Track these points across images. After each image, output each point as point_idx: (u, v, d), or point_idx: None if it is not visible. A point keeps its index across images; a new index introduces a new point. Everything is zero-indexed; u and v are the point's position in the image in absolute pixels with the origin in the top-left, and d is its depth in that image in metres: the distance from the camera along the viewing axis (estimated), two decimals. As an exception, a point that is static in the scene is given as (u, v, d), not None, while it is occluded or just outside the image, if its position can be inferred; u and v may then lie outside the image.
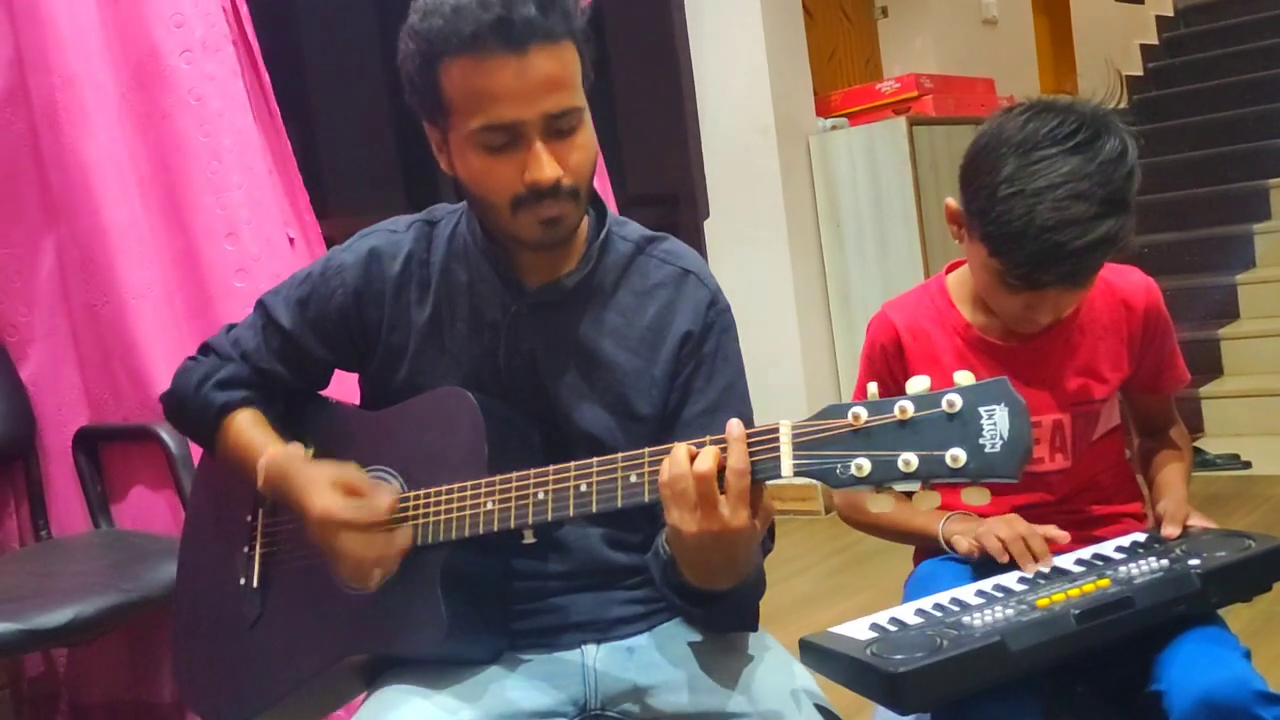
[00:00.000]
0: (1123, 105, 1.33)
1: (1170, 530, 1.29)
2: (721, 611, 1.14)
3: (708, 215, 4.14)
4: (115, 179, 2.11)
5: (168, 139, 2.14)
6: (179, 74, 2.12)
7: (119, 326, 2.11)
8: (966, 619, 1.13)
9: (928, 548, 1.43)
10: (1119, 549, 1.27)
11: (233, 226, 2.13)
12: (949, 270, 1.47)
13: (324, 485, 1.14)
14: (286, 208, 2.28)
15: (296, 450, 1.21)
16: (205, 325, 2.12)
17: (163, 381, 1.99)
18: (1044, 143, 1.23)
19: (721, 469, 0.97)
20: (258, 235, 2.14)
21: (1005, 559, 1.26)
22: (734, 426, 0.98)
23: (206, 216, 2.13)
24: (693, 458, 0.98)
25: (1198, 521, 1.31)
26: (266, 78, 2.31)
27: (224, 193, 2.12)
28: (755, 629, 1.22)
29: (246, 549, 1.30)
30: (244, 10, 2.27)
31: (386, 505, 1.13)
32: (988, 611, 1.14)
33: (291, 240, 2.24)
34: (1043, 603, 1.13)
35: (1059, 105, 1.27)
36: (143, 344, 2.10)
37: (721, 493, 0.97)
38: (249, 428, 1.27)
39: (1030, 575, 1.23)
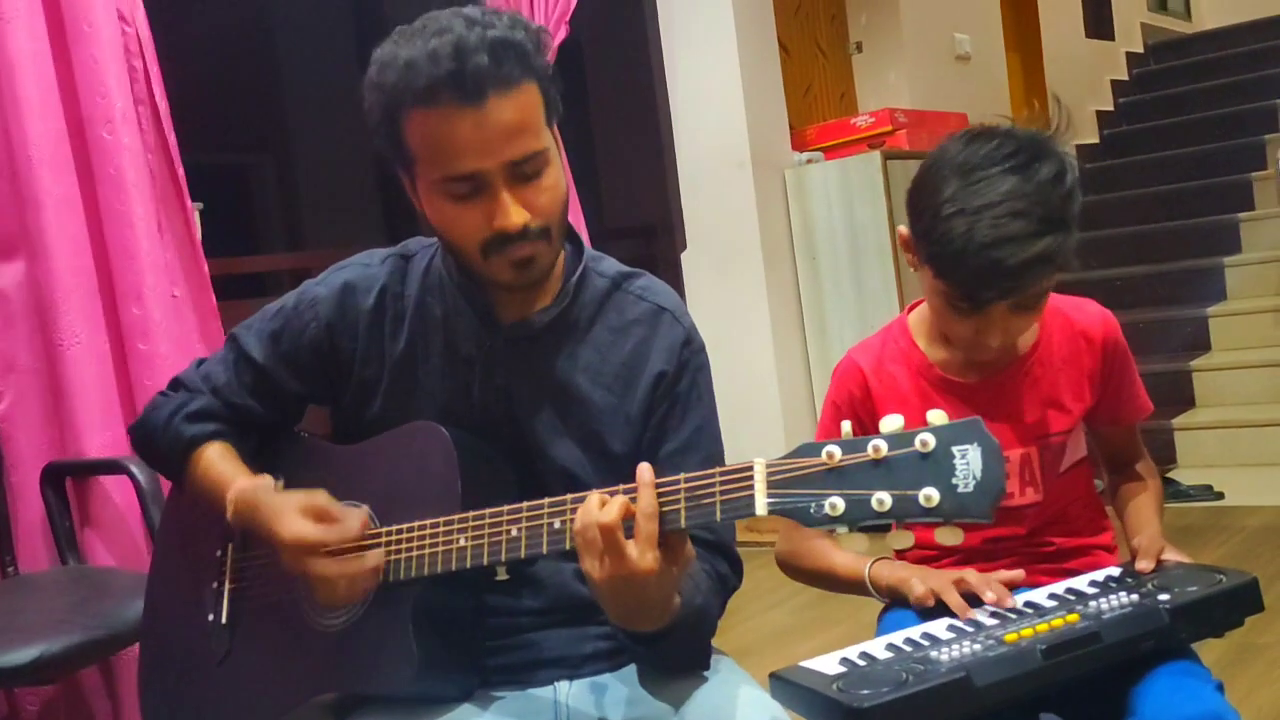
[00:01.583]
0: (1072, 137, 1.35)
1: (1144, 565, 1.29)
2: (663, 652, 1.13)
3: (685, 247, 4.16)
4: (76, 230, 2.22)
5: (94, 204, 2.26)
6: (103, 144, 2.25)
7: (80, 369, 2.19)
8: (934, 654, 1.13)
9: None
10: (1093, 584, 1.27)
11: (139, 291, 2.26)
12: (910, 310, 1.48)
13: (293, 512, 1.13)
14: (175, 265, 2.37)
15: (265, 481, 1.20)
16: (125, 382, 2.28)
17: (90, 433, 2.17)
18: (983, 164, 1.25)
19: (633, 514, 0.98)
20: (158, 301, 2.28)
21: (969, 616, 1.24)
22: (643, 471, 0.99)
23: (122, 283, 2.26)
24: (605, 505, 0.99)
25: (1173, 556, 1.31)
26: (172, 137, 2.38)
27: (134, 259, 2.26)
28: (706, 667, 1.20)
29: (215, 584, 1.28)
30: (154, 71, 2.34)
31: (356, 527, 1.12)
32: (956, 646, 1.14)
33: (175, 297, 2.34)
34: (1010, 638, 1.13)
35: (998, 130, 1.30)
36: (84, 391, 2.21)
37: (630, 538, 0.98)
38: (218, 461, 1.26)
39: (1003, 610, 1.23)
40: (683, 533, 0.99)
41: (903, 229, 1.37)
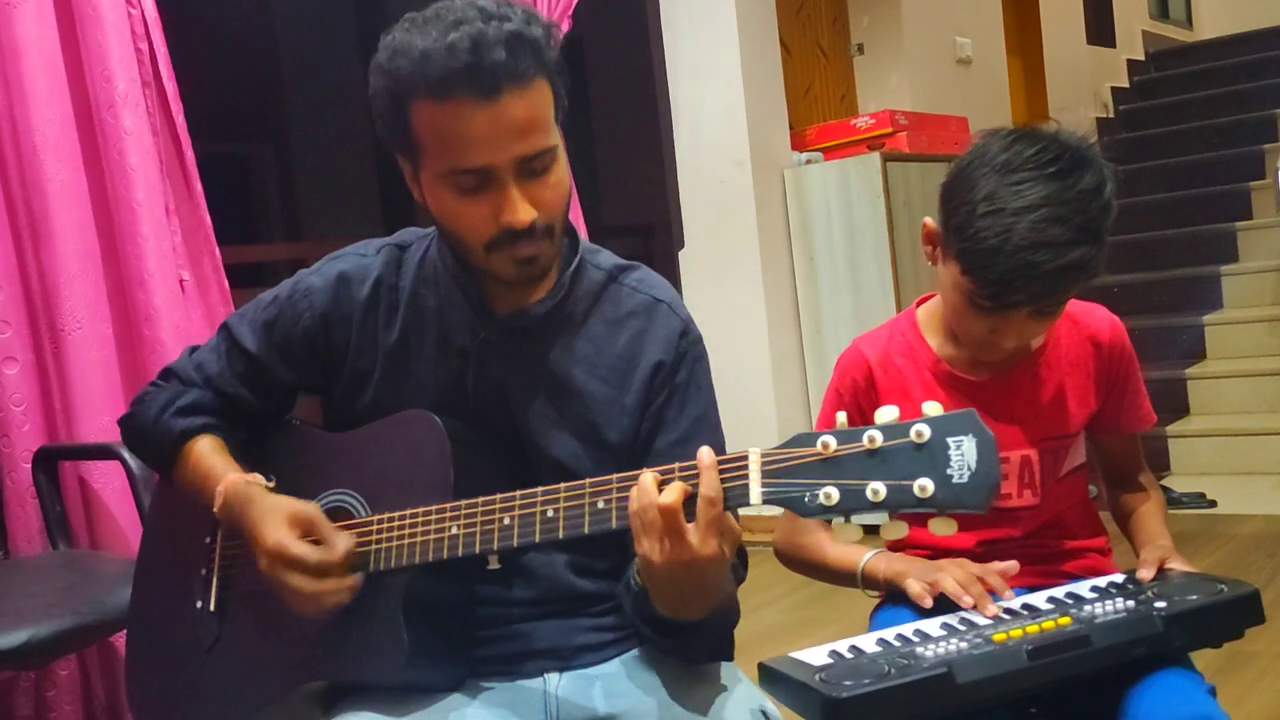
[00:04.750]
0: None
1: (1145, 573, 1.28)
2: (696, 641, 1.13)
3: (683, 246, 4.16)
4: (81, 215, 2.22)
5: (100, 189, 2.26)
6: (106, 127, 2.24)
7: (80, 354, 2.19)
8: (921, 649, 1.12)
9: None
10: (1094, 589, 1.26)
11: (143, 277, 2.26)
12: (919, 304, 1.48)
13: (280, 519, 1.12)
14: (183, 252, 2.37)
15: (257, 479, 1.20)
16: (129, 367, 2.28)
17: (88, 418, 2.18)
18: (1025, 166, 1.24)
19: (692, 497, 0.97)
20: (161, 285, 2.28)
21: (968, 603, 1.24)
22: (705, 454, 0.98)
23: (127, 265, 2.27)
24: (661, 487, 0.97)
25: (1178, 566, 1.30)
26: (181, 120, 2.38)
27: (138, 244, 2.25)
28: (730, 658, 1.21)
29: (204, 571, 1.28)
30: (161, 53, 2.33)
31: (340, 553, 1.09)
32: (944, 643, 1.13)
33: (183, 283, 2.34)
34: (999, 637, 1.13)
35: (1043, 134, 1.28)
36: (84, 377, 2.21)
37: (691, 521, 0.96)
38: (209, 454, 1.25)
39: (1000, 610, 1.23)
40: (729, 513, 0.98)
41: (929, 220, 1.36)
